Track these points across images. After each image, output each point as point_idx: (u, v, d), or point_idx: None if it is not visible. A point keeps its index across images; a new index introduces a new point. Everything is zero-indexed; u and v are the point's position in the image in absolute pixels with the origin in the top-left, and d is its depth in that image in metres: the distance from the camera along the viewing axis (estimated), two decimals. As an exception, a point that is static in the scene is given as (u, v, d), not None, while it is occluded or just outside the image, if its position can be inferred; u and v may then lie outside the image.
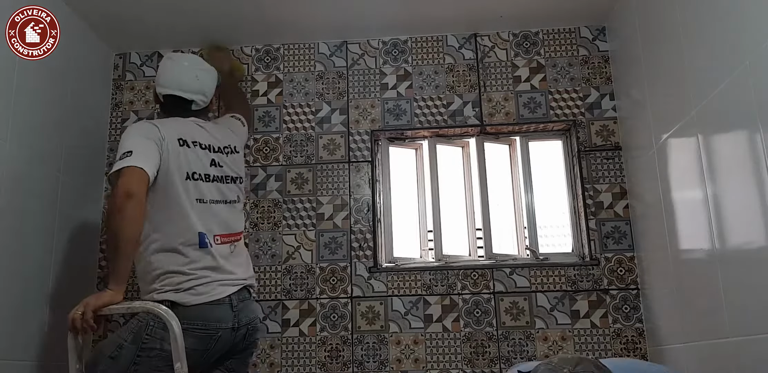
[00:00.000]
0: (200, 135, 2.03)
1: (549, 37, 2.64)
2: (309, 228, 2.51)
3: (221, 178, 2.02)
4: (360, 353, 2.37)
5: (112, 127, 2.67)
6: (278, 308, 2.43)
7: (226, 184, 2.03)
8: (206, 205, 1.95)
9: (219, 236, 1.94)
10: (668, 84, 2.03)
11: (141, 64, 2.74)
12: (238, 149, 2.15)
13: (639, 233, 2.36)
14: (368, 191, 2.53)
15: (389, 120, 2.61)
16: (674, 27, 1.94)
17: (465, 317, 2.37)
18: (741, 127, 1.58)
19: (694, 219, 1.86)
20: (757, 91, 1.48)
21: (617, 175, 2.48)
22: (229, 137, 2.15)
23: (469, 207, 2.60)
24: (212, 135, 2.07)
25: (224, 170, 2.04)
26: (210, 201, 1.96)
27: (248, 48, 2.72)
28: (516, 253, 2.54)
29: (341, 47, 2.69)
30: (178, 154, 1.92)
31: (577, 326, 2.34)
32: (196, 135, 2.01)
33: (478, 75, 2.62)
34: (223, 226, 1.97)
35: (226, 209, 2.00)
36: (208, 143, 2.03)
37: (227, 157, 2.07)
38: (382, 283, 2.43)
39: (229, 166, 2.06)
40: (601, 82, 2.57)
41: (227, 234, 1.97)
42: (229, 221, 2.00)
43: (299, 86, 2.66)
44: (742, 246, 1.63)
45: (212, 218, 1.95)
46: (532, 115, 2.57)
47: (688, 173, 1.90)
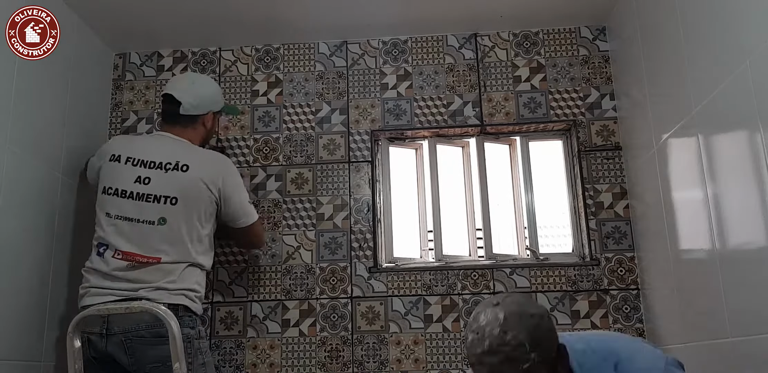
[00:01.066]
0: (145, 150, 2.07)
1: (549, 37, 2.64)
2: (309, 228, 2.51)
3: (141, 195, 2.00)
4: (360, 353, 2.37)
5: (112, 128, 2.67)
6: (278, 308, 2.43)
7: (147, 202, 2.00)
8: (111, 220, 2.01)
9: (122, 252, 1.96)
10: (668, 84, 2.03)
11: (141, 64, 2.74)
12: (188, 168, 2.03)
13: (639, 233, 2.36)
14: (368, 191, 2.53)
15: (389, 120, 2.61)
16: (674, 27, 1.94)
17: (465, 317, 2.37)
18: (741, 127, 1.58)
19: (695, 219, 1.86)
20: (757, 91, 1.48)
21: (617, 175, 2.48)
22: (186, 154, 2.06)
23: (469, 207, 2.60)
24: (162, 151, 2.06)
25: (149, 188, 2.01)
26: (116, 217, 2.00)
27: (248, 48, 2.72)
28: (516, 253, 2.54)
29: (341, 47, 2.69)
30: (108, 169, 2.08)
31: (578, 327, 2.33)
32: (138, 150, 2.07)
33: (478, 75, 2.62)
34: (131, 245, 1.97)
35: (138, 228, 1.98)
36: (146, 159, 2.04)
37: (166, 173, 2.02)
38: (382, 283, 2.43)
39: (160, 184, 2.01)
40: (601, 82, 2.57)
41: (132, 253, 1.95)
42: (139, 240, 1.97)
43: (299, 86, 2.66)
44: (742, 246, 1.63)
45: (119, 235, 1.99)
46: (532, 115, 2.57)
47: (688, 173, 1.90)
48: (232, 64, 2.71)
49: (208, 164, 2.09)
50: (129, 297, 1.91)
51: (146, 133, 2.64)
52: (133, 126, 2.67)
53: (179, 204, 2.00)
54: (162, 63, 2.73)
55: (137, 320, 1.87)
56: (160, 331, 1.84)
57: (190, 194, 2.02)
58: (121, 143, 2.15)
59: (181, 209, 2.00)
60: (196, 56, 2.73)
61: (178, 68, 2.71)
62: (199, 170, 2.05)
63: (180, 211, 2.00)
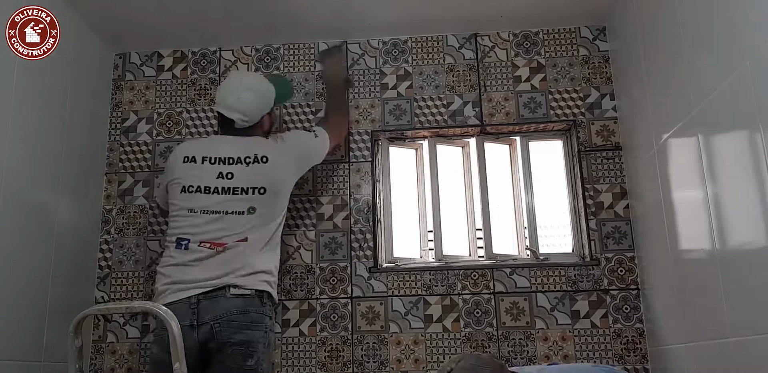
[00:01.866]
0: (218, 149, 2.14)
1: (549, 37, 2.64)
2: (309, 228, 2.51)
3: (227, 189, 2.08)
4: (360, 353, 2.37)
5: (112, 127, 2.67)
6: (278, 308, 2.43)
7: (235, 195, 2.08)
8: (196, 214, 2.06)
9: (208, 241, 2.02)
10: (668, 84, 2.03)
11: (141, 64, 2.74)
12: (268, 159, 2.14)
13: (639, 233, 2.36)
14: (368, 191, 2.53)
15: (389, 120, 2.60)
16: (674, 27, 1.94)
17: (465, 317, 2.37)
18: (741, 127, 1.58)
19: (695, 219, 1.86)
20: (757, 91, 1.48)
21: (617, 175, 2.48)
22: (259, 147, 2.16)
23: (469, 207, 2.60)
24: (235, 147, 2.14)
25: (233, 182, 2.09)
26: (203, 211, 2.06)
27: (248, 48, 2.72)
28: (516, 253, 2.54)
29: (341, 47, 2.69)
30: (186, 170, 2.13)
31: (578, 327, 2.33)
32: (211, 150, 2.14)
33: (478, 75, 2.62)
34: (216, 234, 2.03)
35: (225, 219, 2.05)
36: (222, 156, 2.12)
37: (247, 167, 2.11)
38: (382, 283, 2.43)
39: (244, 178, 2.09)
40: (601, 82, 2.57)
41: (216, 242, 2.02)
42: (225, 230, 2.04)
43: (299, 86, 2.66)
44: (742, 246, 1.63)
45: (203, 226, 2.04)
46: (533, 115, 2.57)
47: (688, 173, 1.90)
48: (232, 64, 2.70)
49: (282, 148, 2.20)
50: (217, 286, 1.95)
51: (149, 134, 2.64)
52: (133, 126, 2.67)
53: (268, 193, 2.10)
54: (162, 63, 2.73)
55: (226, 306, 1.94)
56: (252, 316, 1.95)
57: (276, 182, 2.13)
58: (191, 146, 2.23)
59: (269, 196, 2.11)
60: (196, 56, 2.73)
61: (178, 68, 2.71)
62: (279, 158, 2.16)
63: (269, 198, 2.11)
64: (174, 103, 2.69)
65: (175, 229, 2.08)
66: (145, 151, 2.64)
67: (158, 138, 2.65)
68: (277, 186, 2.13)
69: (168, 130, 2.66)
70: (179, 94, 2.69)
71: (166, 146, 2.62)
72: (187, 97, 2.69)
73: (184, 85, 2.70)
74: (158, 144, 2.64)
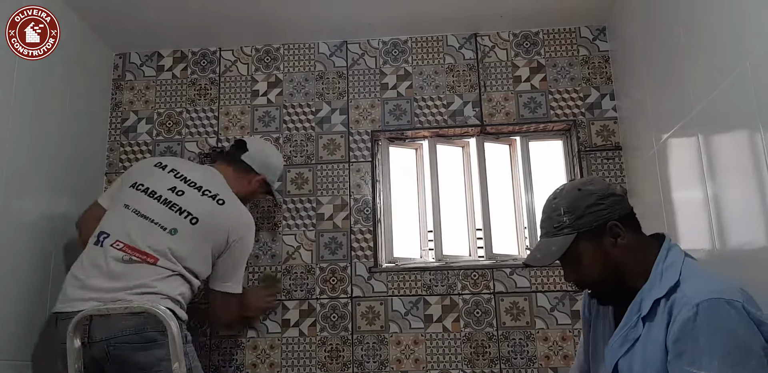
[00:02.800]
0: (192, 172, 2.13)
1: (549, 37, 2.64)
2: (309, 228, 2.51)
3: (169, 202, 2.02)
4: (360, 353, 2.37)
5: (112, 127, 2.68)
6: (278, 308, 2.43)
7: (171, 211, 2.01)
8: (127, 212, 2.01)
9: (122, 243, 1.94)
10: (668, 84, 2.03)
11: (141, 64, 2.74)
12: (224, 207, 2.07)
13: (639, 233, 2.36)
14: (368, 191, 2.53)
15: (389, 120, 2.61)
16: (674, 27, 1.94)
17: (465, 317, 2.37)
18: (741, 127, 1.58)
19: (694, 219, 1.86)
20: (757, 91, 1.48)
21: (617, 175, 2.48)
22: (228, 196, 2.10)
23: (469, 207, 2.60)
24: (207, 179, 2.12)
25: (179, 200, 2.03)
26: (135, 211, 2.00)
27: (248, 48, 2.72)
28: (516, 253, 2.54)
29: (341, 47, 2.69)
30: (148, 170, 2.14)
31: (578, 327, 2.33)
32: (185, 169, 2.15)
33: (478, 75, 2.62)
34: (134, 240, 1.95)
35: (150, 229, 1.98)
36: (189, 177, 2.10)
37: (201, 196, 2.06)
38: (382, 283, 2.43)
39: (191, 202, 2.03)
40: (601, 82, 2.57)
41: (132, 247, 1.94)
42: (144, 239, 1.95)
43: (299, 86, 2.66)
44: (742, 246, 1.63)
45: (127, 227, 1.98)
46: (532, 115, 2.57)
47: (688, 173, 1.90)
48: (232, 64, 2.71)
49: (241, 215, 2.12)
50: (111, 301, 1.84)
51: (149, 134, 2.65)
52: (133, 126, 2.67)
53: (198, 226, 2.01)
54: (162, 63, 2.73)
55: (122, 326, 1.80)
56: (149, 334, 1.80)
57: (211, 225, 2.03)
58: (172, 159, 2.27)
59: (197, 230, 2.01)
60: (196, 56, 2.73)
61: (178, 68, 2.71)
62: (231, 214, 2.09)
63: (194, 231, 2.00)
64: (174, 103, 2.69)
65: (102, 222, 2.02)
66: (145, 151, 2.64)
67: (158, 138, 2.65)
68: (208, 228, 2.02)
69: (168, 130, 2.66)
70: (179, 94, 2.70)
71: (166, 146, 2.63)
72: (187, 97, 2.69)
73: (184, 85, 2.70)
74: (158, 144, 2.64)
